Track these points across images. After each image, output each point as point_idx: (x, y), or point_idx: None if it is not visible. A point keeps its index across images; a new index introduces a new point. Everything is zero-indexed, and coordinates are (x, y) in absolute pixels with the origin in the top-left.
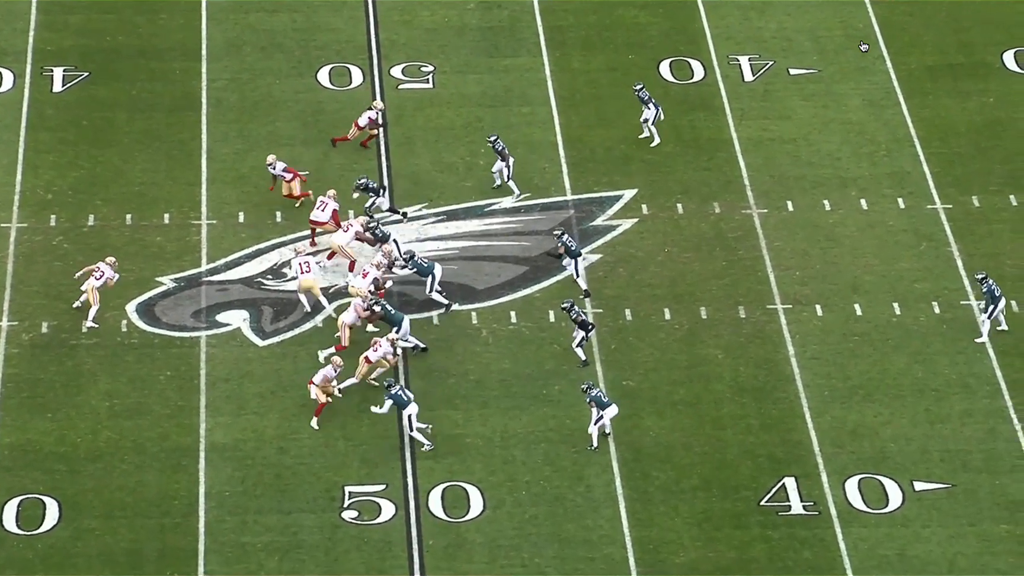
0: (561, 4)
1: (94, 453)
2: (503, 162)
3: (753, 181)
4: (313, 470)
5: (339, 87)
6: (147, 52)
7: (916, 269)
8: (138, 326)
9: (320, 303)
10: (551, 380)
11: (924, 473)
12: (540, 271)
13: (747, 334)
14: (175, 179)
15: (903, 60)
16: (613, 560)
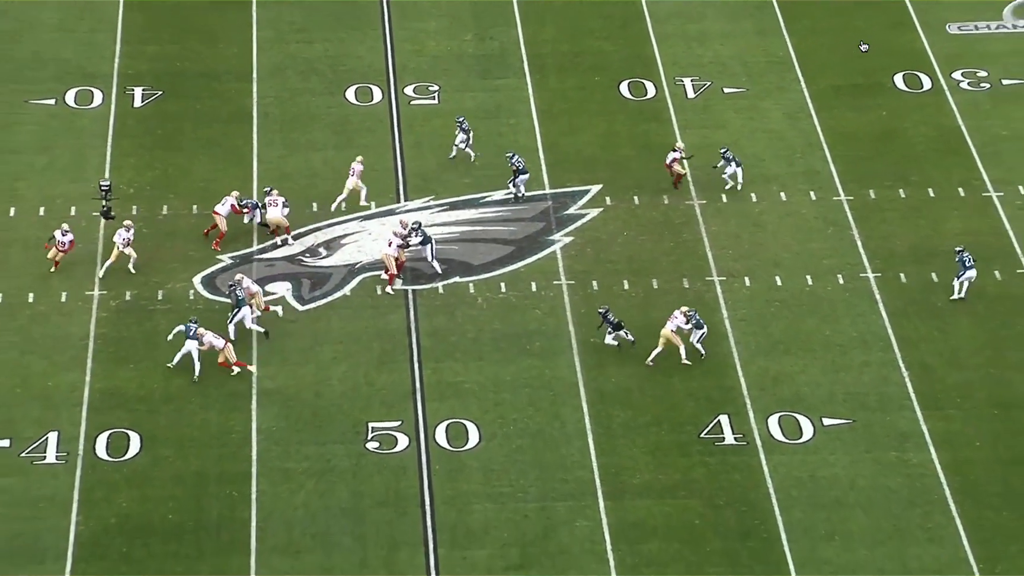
0: (540, 37)
1: (167, 396)
2: (522, 176)
3: (695, 178)
4: (343, 410)
5: (363, 103)
6: (208, 74)
7: (824, 248)
8: (202, 294)
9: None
10: (533, 338)
11: (831, 411)
12: (524, 251)
13: (690, 300)
14: (231, 177)
15: (814, 81)
16: (583, 481)
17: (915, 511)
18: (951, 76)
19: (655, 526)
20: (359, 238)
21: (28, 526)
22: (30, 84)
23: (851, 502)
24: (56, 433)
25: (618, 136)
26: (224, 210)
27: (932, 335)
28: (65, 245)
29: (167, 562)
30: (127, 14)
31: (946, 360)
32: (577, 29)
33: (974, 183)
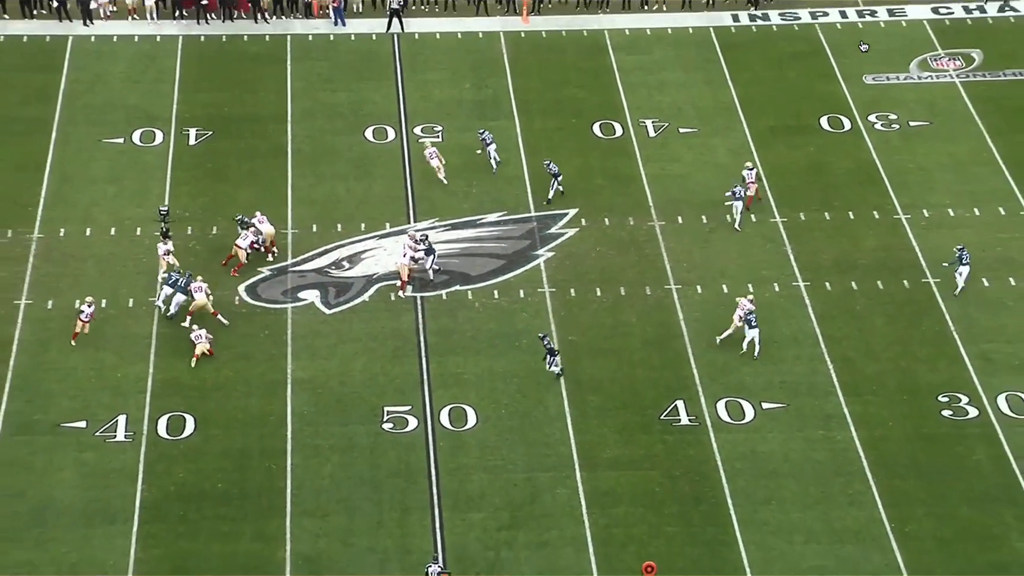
0: (527, 86)
1: (217, 385)
2: (558, 177)
3: (655, 203)
4: (362, 396)
5: (379, 141)
6: (251, 118)
7: (763, 262)
8: (246, 300)
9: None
10: (520, 337)
11: (768, 397)
12: (514, 264)
13: (651, 305)
14: (270, 203)
15: (754, 123)
16: (562, 456)
17: (838, 480)
18: (867, 119)
19: (622, 493)
20: (376, 253)
21: (102, 493)
22: (103, 126)
23: (785, 472)
24: (124, 416)
25: (591, 168)
26: (244, 243)
27: (852, 333)
28: (87, 317)
29: (216, 523)
30: (184, 67)
31: (863, 354)
32: (558, 80)
33: (886, 207)
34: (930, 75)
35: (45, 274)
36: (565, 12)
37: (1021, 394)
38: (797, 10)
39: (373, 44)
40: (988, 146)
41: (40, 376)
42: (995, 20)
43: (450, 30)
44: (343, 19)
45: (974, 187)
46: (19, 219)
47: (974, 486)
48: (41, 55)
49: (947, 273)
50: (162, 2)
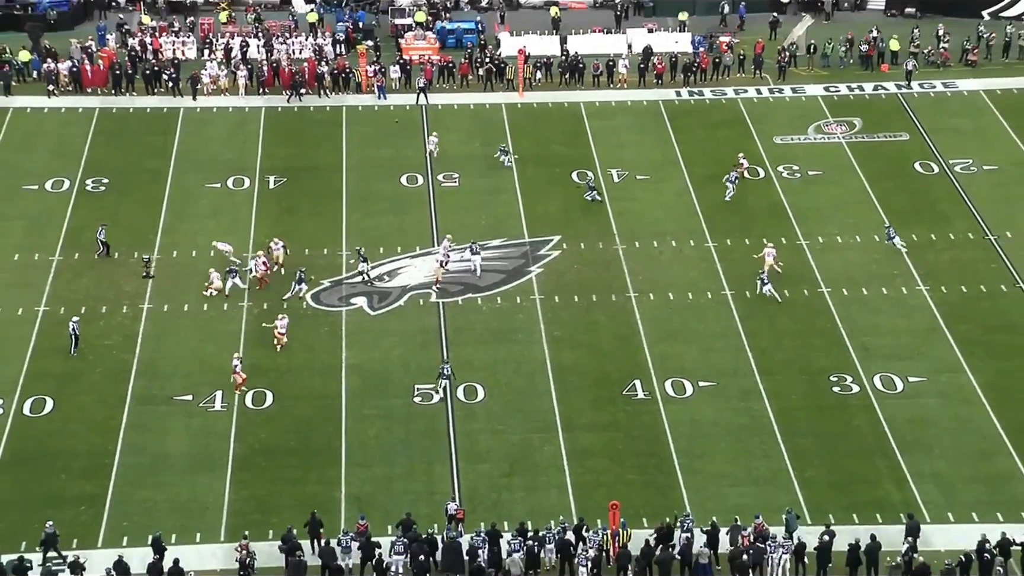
0: (522, 144)
1: (290, 368)
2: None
3: (619, 231)
4: (398, 377)
5: (411, 185)
6: (315, 167)
7: (699, 276)
8: (311, 304)
9: None
10: (517, 332)
11: (704, 377)
12: (512, 277)
13: (616, 308)
14: (328, 232)
15: (692, 171)
16: (549, 422)
17: (755, 439)
18: (776, 168)
19: (594, 450)
20: (408, 270)
21: (204, 449)
22: (205, 174)
23: (716, 434)
24: (220, 392)
25: (571, 206)
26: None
27: (765, 329)
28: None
29: (289, 471)
30: (266, 129)
31: (774, 345)
32: (545, 139)
33: (790, 235)
34: (823, 136)
35: (162, 285)
36: (551, 89)
37: (890, 375)
38: (725, 88)
39: (406, 113)
40: (866, 189)
41: (158, 361)
42: (871, 96)
43: (464, 102)
44: (384, 94)
45: (856, 220)
46: (144, 245)
47: (856, 443)
48: (160, 122)
49: (836, 283)
50: (249, 83)
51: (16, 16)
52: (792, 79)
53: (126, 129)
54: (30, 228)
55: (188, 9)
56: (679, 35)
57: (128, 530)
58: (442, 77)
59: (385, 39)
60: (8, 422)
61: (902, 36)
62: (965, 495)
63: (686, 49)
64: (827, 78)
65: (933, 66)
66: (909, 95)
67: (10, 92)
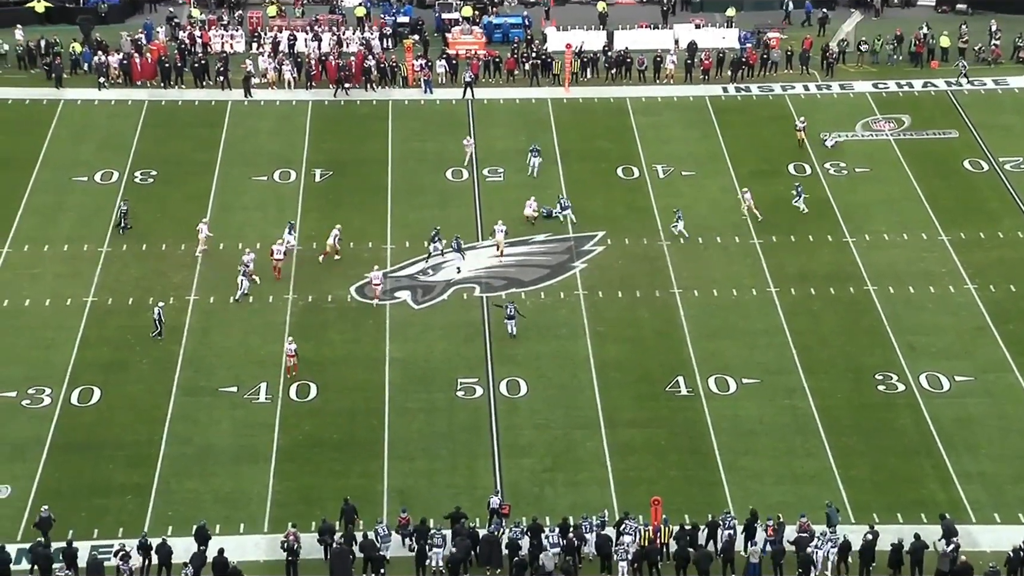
0: (568, 139)
1: (334, 360)
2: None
3: (664, 228)
4: (442, 371)
5: (456, 180)
6: (361, 160)
7: (744, 272)
8: (356, 298)
9: None
10: (561, 327)
11: (747, 374)
12: (556, 272)
13: (660, 304)
14: (374, 225)
15: (738, 168)
16: (591, 417)
17: (798, 437)
18: (823, 166)
19: (636, 445)
20: (452, 264)
21: (248, 440)
22: (252, 167)
23: (759, 432)
24: (265, 384)
25: (615, 202)
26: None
27: (810, 327)
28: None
29: (333, 464)
30: (312, 122)
31: (819, 342)
32: (590, 135)
33: (837, 232)
34: (871, 134)
35: (208, 277)
36: (597, 84)
37: (937, 374)
38: (772, 84)
39: (452, 107)
40: (913, 187)
41: (204, 353)
42: (920, 93)
43: (510, 97)
44: (431, 88)
45: (903, 218)
46: (191, 237)
47: (900, 442)
48: (208, 115)
49: (883, 280)
50: (297, 76)
51: (68, 9)
52: (840, 76)
53: (174, 121)
54: (80, 219)
55: (237, 3)
56: (726, 31)
57: (173, 520)
58: (488, 72)
59: (432, 34)
60: (56, 411)
61: (952, 32)
62: (1012, 495)
63: (733, 45)
64: (876, 74)
65: (984, 63)
66: (959, 92)
67: (62, 84)
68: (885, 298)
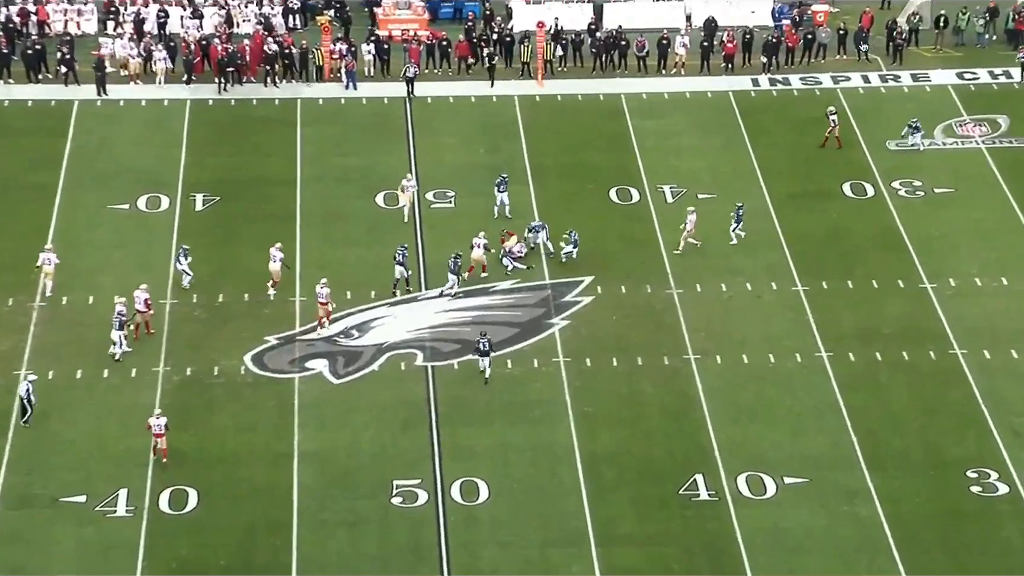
0: (542, 150)
1: (222, 457)
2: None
3: (673, 270)
4: (371, 469)
5: (389, 206)
6: (260, 181)
7: (784, 331)
8: (252, 370)
9: None
10: (535, 407)
11: (790, 471)
12: (528, 332)
13: (669, 374)
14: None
15: (774, 188)
16: (577, 531)
17: (863, 556)
18: (891, 185)
19: (639, 568)
20: (387, 322)
21: (102, 569)
22: (109, 191)
23: (808, 548)
24: (125, 490)
25: (608, 234)
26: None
27: (876, 405)
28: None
29: None
30: (192, 132)
31: (888, 426)
32: (574, 144)
33: (911, 275)
34: (955, 141)
35: (47, 343)
36: (581, 76)
37: None
38: (818, 74)
39: (384, 108)
40: (1015, 213)
41: (40, 448)
42: (1022, 86)
43: (463, 94)
44: (355, 82)
45: (1001, 255)
46: (21, 287)
47: (1004, 563)
48: (47, 119)
49: (975, 341)
50: (171, 67)
51: None
52: (912, 62)
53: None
54: None
55: None
56: (756, 3)
57: None
58: (433, 60)
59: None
60: None
61: None
62: None
63: (765, 22)
64: (961, 60)
65: None
66: None
67: None
68: (978, 365)
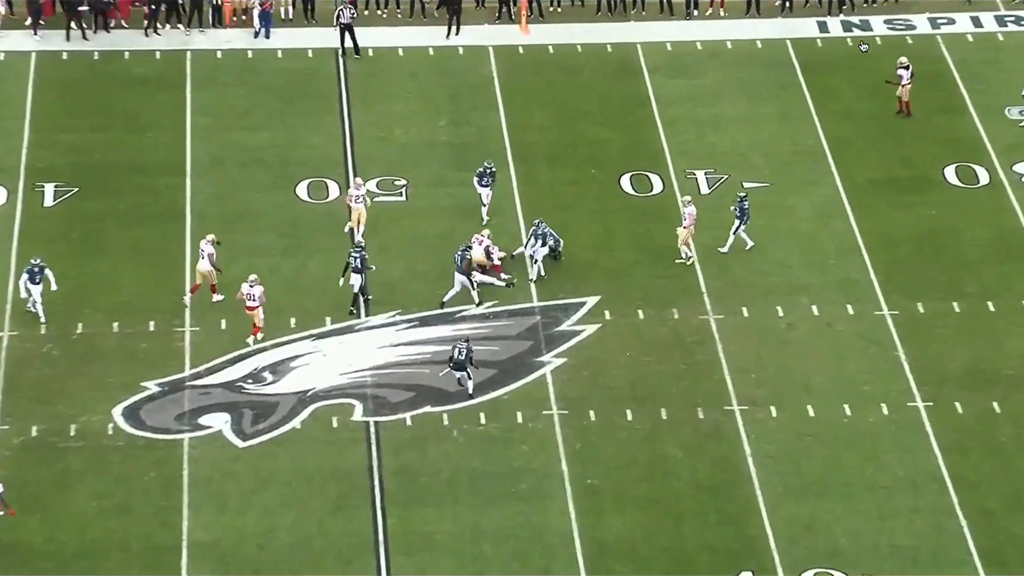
0: (527, 122)
1: (81, 552)
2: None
3: (709, 288)
4: (291, 566)
5: (316, 200)
6: (135, 168)
7: (865, 372)
8: (124, 429)
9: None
10: (519, 478)
11: (875, 568)
12: (508, 374)
13: (705, 433)
14: (161, 287)
15: (849, 173)
16: None
17: None
18: (1012, 168)
19: None
20: (311, 360)
21: None
22: None
23: None
24: None
25: (619, 239)
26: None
27: (995, 475)
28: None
29: None
30: (38, 98)
31: (1010, 506)
32: (570, 113)
33: None
34: None
35: None
36: (581, 18)
37: None
38: (911, 16)
39: (309, 64)
40: None
41: None
42: None
43: (418, 45)
44: (269, 28)
45: None
46: None
47: None
48: None
49: None
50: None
51: None
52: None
53: None
54: None
55: None
56: None
57: None
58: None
59: None
60: None
61: None
62: None
63: None
64: None
65: None
66: None
67: None
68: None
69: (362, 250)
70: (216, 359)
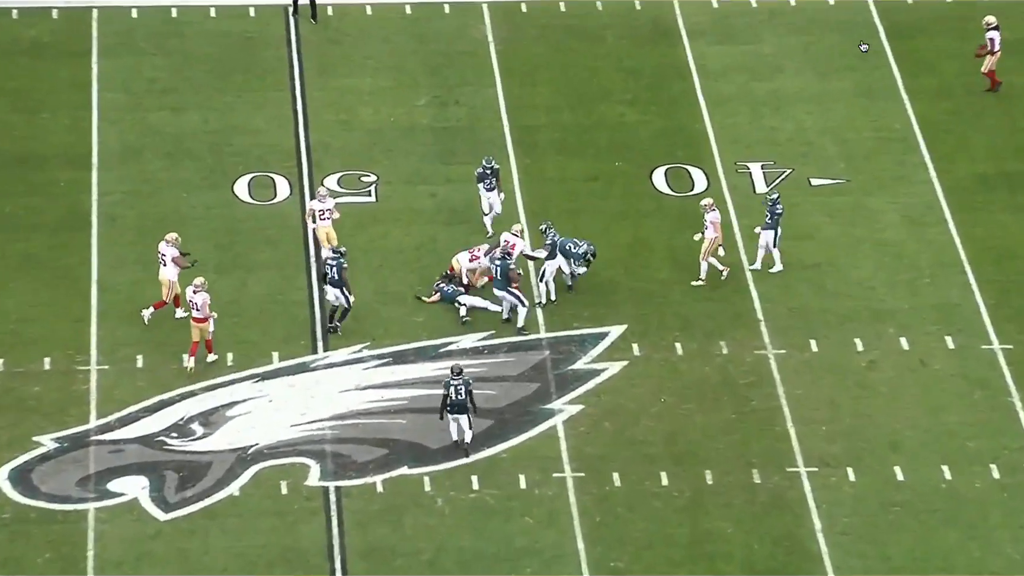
0: (530, 100)
1: None
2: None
3: (767, 314)
4: None
5: (261, 201)
6: (25, 160)
7: (969, 423)
8: (10, 497)
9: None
10: (522, 560)
11: None
12: (508, 426)
13: (763, 503)
14: (58, 315)
15: (949, 168)
16: None
17: None
18: None
19: None
20: (253, 407)
21: None
22: None
23: None
24: None
25: (650, 248)
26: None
27: None
28: None
29: None
30: None
31: None
32: (586, 90)
33: None
34: None
35: None
36: None
37: None
38: None
39: (251, 24)
40: None
41: None
42: None
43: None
44: None
45: None
46: None
47: None
48: None
49: None
50: None
51: None
52: None
53: None
54: None
55: None
56: None
57: None
58: None
59: None
60: None
61: None
62: None
63: None
64: None
65: None
66: None
67: None
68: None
69: (340, 257)
70: (131, 406)
